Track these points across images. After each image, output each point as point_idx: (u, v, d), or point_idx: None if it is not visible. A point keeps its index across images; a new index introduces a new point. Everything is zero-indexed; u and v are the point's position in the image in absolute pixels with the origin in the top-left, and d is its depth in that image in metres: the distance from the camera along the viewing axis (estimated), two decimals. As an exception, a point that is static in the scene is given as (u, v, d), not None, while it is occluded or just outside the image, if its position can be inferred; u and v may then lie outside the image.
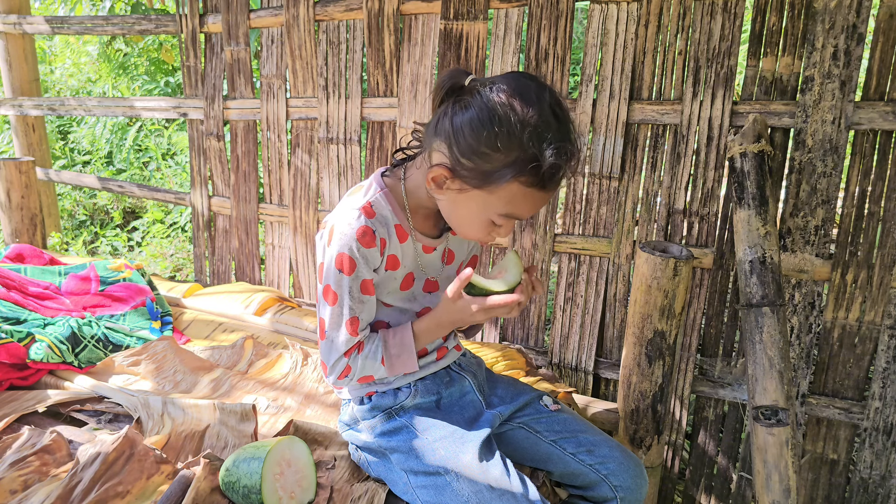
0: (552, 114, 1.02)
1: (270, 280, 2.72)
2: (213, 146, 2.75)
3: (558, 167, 1.01)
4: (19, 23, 3.20)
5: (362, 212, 1.14)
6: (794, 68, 1.73)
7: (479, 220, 1.11)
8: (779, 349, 1.54)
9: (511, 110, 1.00)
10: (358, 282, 1.16)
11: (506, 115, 1.00)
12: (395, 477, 1.26)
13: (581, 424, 1.33)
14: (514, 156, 1.01)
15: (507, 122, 1.00)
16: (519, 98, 1.01)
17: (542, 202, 1.09)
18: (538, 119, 1.00)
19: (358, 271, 1.15)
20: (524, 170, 1.01)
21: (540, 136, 1.00)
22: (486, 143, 1.01)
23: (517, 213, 1.08)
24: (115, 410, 1.58)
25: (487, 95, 1.02)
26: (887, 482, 1.80)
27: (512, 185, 1.03)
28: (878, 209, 1.70)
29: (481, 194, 1.07)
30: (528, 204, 1.07)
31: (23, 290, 2.05)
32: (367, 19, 2.26)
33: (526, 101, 1.01)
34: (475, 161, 1.03)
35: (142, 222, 4.49)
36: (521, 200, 1.06)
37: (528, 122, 1.00)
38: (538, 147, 1.00)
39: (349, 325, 1.17)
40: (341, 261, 1.14)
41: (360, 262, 1.14)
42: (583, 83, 1.97)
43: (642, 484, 1.28)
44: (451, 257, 1.31)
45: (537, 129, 1.00)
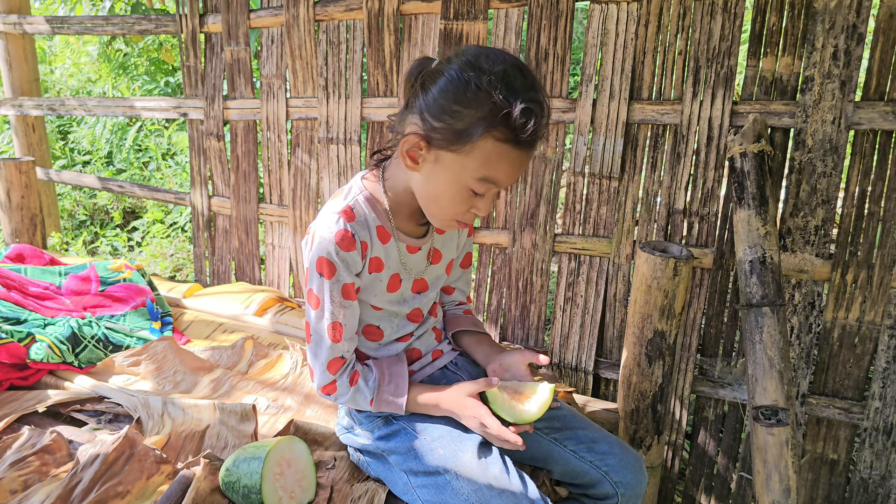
0: (518, 69, 1.02)
1: (270, 280, 2.72)
2: (213, 146, 2.75)
3: (528, 117, 1.00)
4: (19, 23, 3.20)
5: (341, 215, 1.15)
6: (794, 68, 1.73)
7: (457, 189, 1.09)
8: (779, 349, 1.54)
9: (477, 69, 1.01)
10: (339, 286, 1.16)
11: (474, 73, 1.01)
12: (395, 477, 1.26)
13: (580, 421, 1.33)
14: (485, 108, 1.01)
15: (476, 79, 1.01)
16: (484, 57, 1.03)
17: (518, 164, 1.06)
18: (504, 72, 1.01)
19: (338, 275, 1.15)
20: (496, 121, 1.01)
21: (508, 87, 1.01)
22: (455, 101, 1.02)
23: (494, 175, 1.06)
24: (115, 410, 1.58)
25: (454, 62, 1.04)
26: (887, 482, 1.80)
27: (486, 141, 1.03)
28: (878, 209, 1.70)
29: (456, 158, 1.06)
30: (504, 164, 1.05)
31: (23, 291, 2.05)
32: (367, 19, 2.26)
33: (491, 59, 1.02)
34: (447, 121, 1.04)
35: (142, 222, 4.49)
36: (496, 160, 1.04)
37: (496, 74, 1.01)
38: (507, 97, 1.00)
39: (331, 330, 1.17)
40: (321, 265, 1.14)
41: (340, 266, 1.14)
42: (583, 83, 1.97)
43: (642, 479, 1.28)
44: (437, 256, 1.31)
45: (505, 81, 1.01)
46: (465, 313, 1.45)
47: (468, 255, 1.41)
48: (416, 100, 1.08)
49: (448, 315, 1.44)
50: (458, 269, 1.41)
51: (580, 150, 2.01)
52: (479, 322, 1.44)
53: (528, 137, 1.02)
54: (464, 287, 1.45)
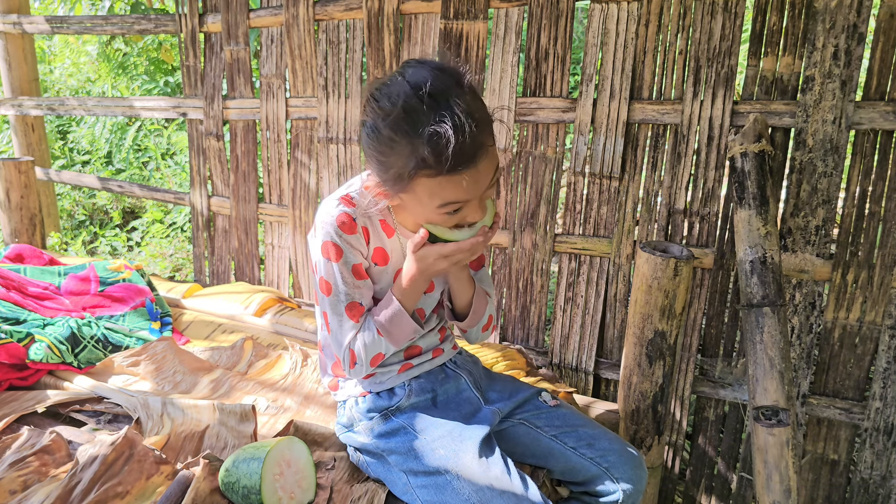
0: (417, 97, 1.00)
1: (270, 280, 2.71)
2: (213, 146, 2.75)
3: (441, 147, 0.98)
4: (19, 22, 3.19)
5: (341, 201, 1.17)
6: (794, 68, 1.73)
7: (431, 218, 1.10)
8: (779, 349, 1.54)
9: (383, 113, 1.02)
10: (348, 266, 1.17)
11: (381, 118, 1.03)
12: (395, 477, 1.26)
13: (580, 419, 1.33)
14: (403, 154, 1.02)
15: (383, 128, 1.03)
16: (387, 95, 1.02)
17: (466, 182, 1.03)
18: (403, 108, 1.00)
19: (346, 257, 1.16)
20: (417, 162, 1.01)
21: (412, 125, 1.00)
22: (378, 152, 1.05)
23: (451, 199, 1.06)
24: (115, 411, 1.57)
25: (368, 110, 1.06)
26: (888, 482, 1.80)
27: (420, 181, 1.03)
28: (878, 209, 1.70)
29: (410, 197, 1.08)
30: (451, 190, 1.04)
31: (22, 291, 2.05)
32: (367, 19, 2.26)
33: (392, 94, 1.02)
34: (383, 171, 1.07)
35: (141, 222, 4.49)
36: (441, 190, 1.04)
37: (395, 115, 1.00)
38: (414, 136, 1.00)
39: (349, 311, 1.18)
40: (327, 249, 1.16)
41: (345, 247, 1.16)
42: (583, 83, 1.97)
43: (642, 475, 1.29)
44: None
45: (406, 118, 1.00)
46: None
47: (481, 257, 1.40)
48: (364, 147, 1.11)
49: None
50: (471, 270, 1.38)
51: (580, 150, 2.00)
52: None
53: (455, 162, 0.99)
54: (486, 288, 1.38)
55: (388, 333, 1.20)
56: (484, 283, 1.41)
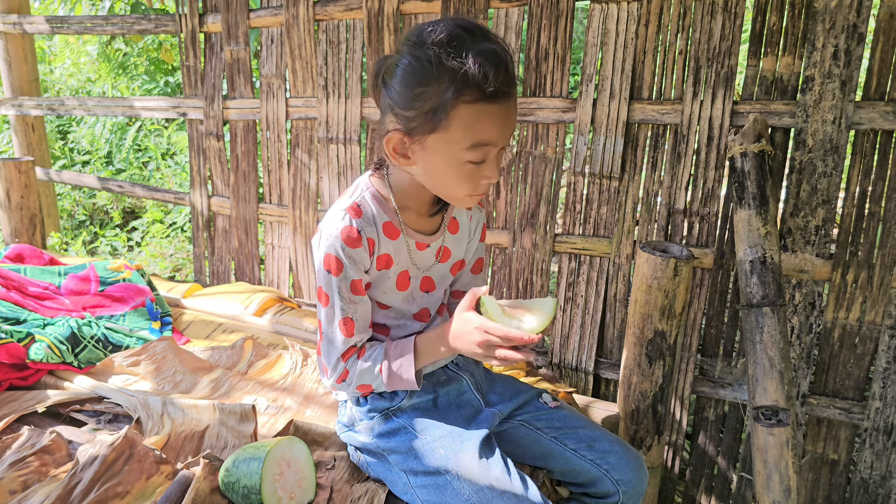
0: (461, 28, 1.01)
1: (270, 280, 2.71)
2: (213, 146, 2.75)
3: (487, 67, 0.99)
4: (19, 23, 3.19)
5: (348, 212, 1.15)
6: (794, 68, 1.73)
7: (455, 167, 1.08)
8: (779, 349, 1.54)
9: (423, 45, 1.02)
10: (347, 282, 1.16)
11: (421, 50, 1.02)
12: (395, 477, 1.26)
13: (581, 420, 1.33)
14: (444, 79, 1.01)
15: (424, 55, 1.02)
16: (427, 32, 1.03)
17: (502, 117, 1.04)
18: (449, 37, 1.00)
19: (346, 272, 1.15)
20: (458, 87, 1.00)
21: (456, 49, 1.00)
22: (416, 84, 1.03)
23: (483, 138, 1.05)
24: (115, 411, 1.57)
25: (402, 49, 1.05)
26: (888, 482, 1.80)
27: (459, 109, 1.02)
28: (878, 209, 1.70)
29: (441, 137, 1.05)
30: (486, 123, 1.04)
31: (22, 291, 2.05)
32: (367, 19, 2.26)
33: (433, 30, 1.02)
34: (416, 107, 1.04)
35: (141, 222, 4.49)
36: (476, 122, 1.03)
37: (440, 42, 1.00)
38: (458, 59, 0.99)
39: (342, 326, 1.18)
40: (328, 262, 1.15)
41: (347, 262, 1.15)
42: (583, 83, 1.97)
43: (643, 477, 1.28)
44: (446, 255, 1.30)
45: (451, 44, 1.00)
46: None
47: (480, 260, 1.40)
48: (383, 96, 1.10)
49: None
50: (469, 273, 1.39)
51: (580, 150, 2.00)
52: None
53: (496, 88, 1.01)
54: None
55: (389, 377, 1.20)
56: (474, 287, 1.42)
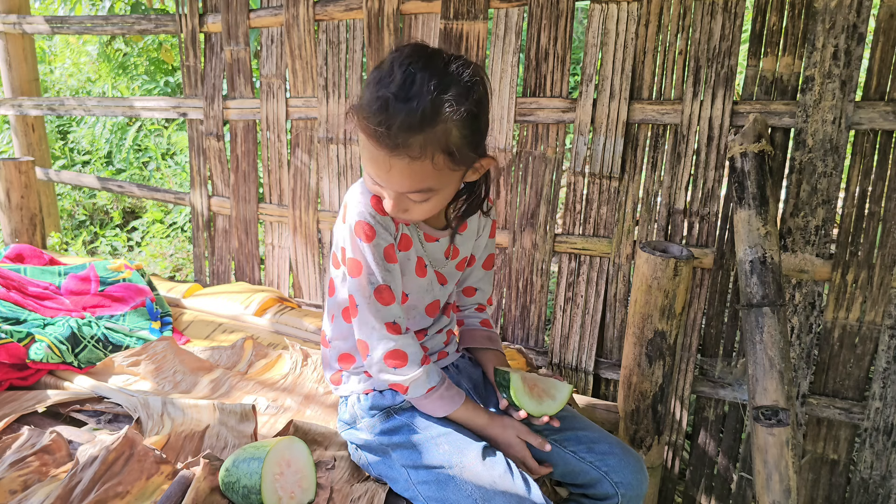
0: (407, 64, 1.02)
1: (270, 280, 2.71)
2: (213, 146, 2.75)
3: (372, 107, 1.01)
4: (19, 23, 3.19)
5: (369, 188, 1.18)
6: (794, 68, 1.73)
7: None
8: (779, 349, 1.54)
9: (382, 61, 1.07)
10: (380, 249, 1.16)
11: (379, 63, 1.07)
12: (396, 474, 1.26)
13: (581, 422, 1.33)
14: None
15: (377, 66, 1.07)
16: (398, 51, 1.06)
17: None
18: (389, 63, 1.04)
19: (378, 238, 1.16)
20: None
21: (383, 75, 1.03)
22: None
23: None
24: (115, 411, 1.57)
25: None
26: (888, 482, 1.80)
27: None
28: (878, 209, 1.70)
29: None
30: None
31: (22, 291, 2.05)
32: (367, 19, 2.26)
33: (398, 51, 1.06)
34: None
35: (141, 222, 4.49)
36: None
37: (382, 63, 1.06)
38: (374, 85, 1.03)
39: (378, 294, 1.17)
40: (360, 228, 1.16)
41: (378, 227, 1.15)
42: (583, 83, 1.97)
43: (643, 479, 1.28)
44: (455, 252, 1.31)
45: (383, 69, 1.04)
46: (482, 324, 1.44)
47: (491, 256, 1.41)
48: None
49: (465, 326, 1.45)
50: (481, 270, 1.41)
51: (580, 150, 2.01)
52: (495, 335, 1.44)
53: (370, 127, 1.02)
54: (486, 288, 1.44)
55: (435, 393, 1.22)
56: (483, 284, 1.43)
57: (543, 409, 1.22)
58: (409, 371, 1.19)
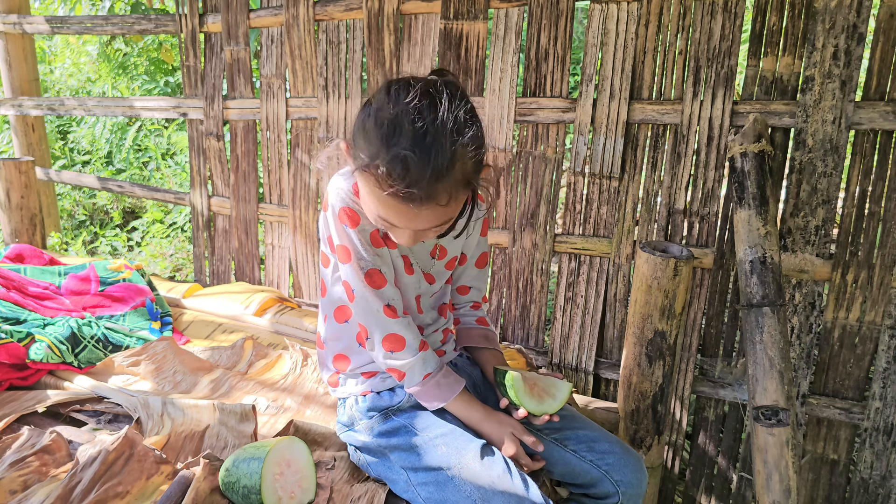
0: (410, 119, 0.98)
1: (270, 280, 2.71)
2: (213, 146, 2.75)
3: (396, 171, 0.98)
4: (19, 23, 3.19)
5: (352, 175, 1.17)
6: (794, 68, 1.73)
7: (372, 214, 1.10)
8: (779, 349, 1.54)
9: (381, 107, 1.01)
10: (366, 234, 1.17)
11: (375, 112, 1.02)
12: (395, 476, 1.26)
13: (581, 421, 1.33)
14: (369, 151, 1.01)
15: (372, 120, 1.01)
16: (392, 94, 1.01)
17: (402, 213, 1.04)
18: (393, 117, 0.99)
19: (362, 224, 1.17)
20: (369, 164, 1.01)
21: (390, 134, 0.99)
22: (359, 129, 1.05)
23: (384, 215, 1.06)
24: (115, 411, 1.57)
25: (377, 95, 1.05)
26: (888, 482, 1.80)
27: (369, 177, 1.03)
28: (878, 209, 1.70)
29: (362, 181, 1.07)
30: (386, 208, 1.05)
31: (22, 291, 2.05)
32: (367, 19, 2.26)
33: (394, 97, 1.01)
34: (356, 145, 1.05)
35: (141, 222, 4.49)
36: (378, 201, 1.05)
37: (384, 119, 1.00)
38: (382, 149, 0.99)
39: (368, 278, 1.18)
40: (343, 214, 1.17)
41: (361, 212, 1.16)
42: (583, 83, 1.97)
43: (643, 478, 1.29)
44: (442, 252, 1.31)
45: (391, 126, 0.99)
46: (478, 322, 1.44)
47: (484, 255, 1.41)
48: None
49: (461, 325, 1.45)
50: (474, 268, 1.41)
51: (580, 150, 2.01)
52: (492, 334, 1.44)
53: (397, 192, 0.99)
54: (480, 286, 1.45)
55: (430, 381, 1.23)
56: (477, 282, 1.43)
57: (544, 407, 1.23)
58: (405, 356, 1.21)
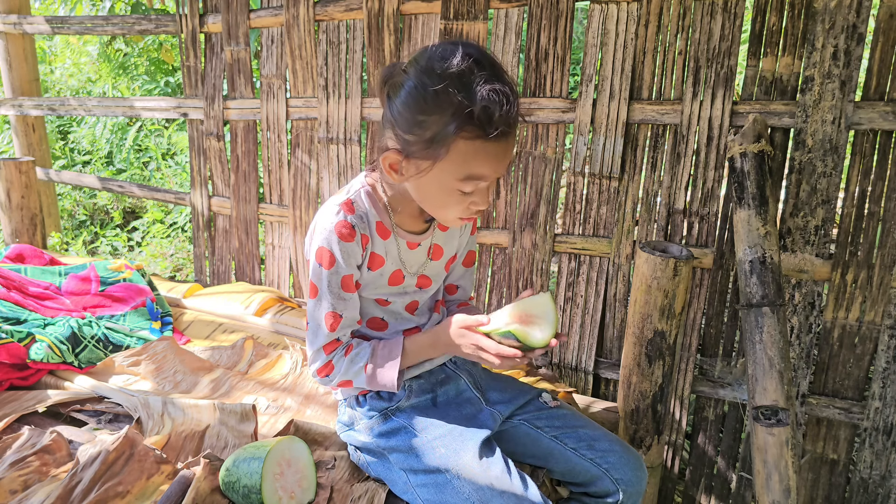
0: (473, 61, 1.01)
1: (270, 280, 2.72)
2: (213, 146, 2.75)
3: (492, 109, 0.99)
4: (19, 23, 3.20)
5: (342, 207, 1.17)
6: (794, 68, 1.73)
7: (447, 193, 1.09)
8: (779, 349, 1.54)
9: (431, 73, 1.01)
10: (337, 277, 1.17)
11: (429, 79, 1.01)
12: (395, 476, 1.26)
13: (581, 420, 1.34)
14: (447, 112, 1.01)
15: (431, 84, 1.01)
16: (438, 59, 1.02)
17: (499, 155, 1.05)
18: (458, 69, 1.00)
19: (337, 266, 1.17)
20: (461, 121, 1.00)
21: (464, 85, 1.00)
22: (419, 111, 1.03)
23: (477, 172, 1.06)
24: (115, 410, 1.58)
25: (411, 71, 1.04)
26: (887, 482, 1.80)
27: (457, 143, 1.02)
28: (878, 209, 1.70)
29: (437, 167, 1.06)
30: (482, 160, 1.05)
31: (23, 291, 2.05)
32: (367, 19, 2.26)
33: (443, 58, 1.02)
34: (417, 133, 1.04)
35: (142, 222, 4.49)
36: (473, 158, 1.04)
37: (449, 75, 1.00)
38: (465, 95, 0.99)
39: (327, 319, 1.19)
40: (321, 255, 1.17)
41: (339, 257, 1.16)
42: (583, 83, 1.97)
43: (642, 477, 1.29)
44: (437, 252, 1.31)
45: (461, 79, 1.00)
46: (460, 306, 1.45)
47: (471, 254, 1.42)
48: (386, 110, 1.10)
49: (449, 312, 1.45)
50: (461, 267, 1.41)
51: (580, 150, 2.01)
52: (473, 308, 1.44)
53: (498, 129, 1.01)
54: (467, 286, 1.45)
55: (372, 375, 1.21)
56: (464, 281, 1.44)
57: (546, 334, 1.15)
58: (336, 377, 1.23)
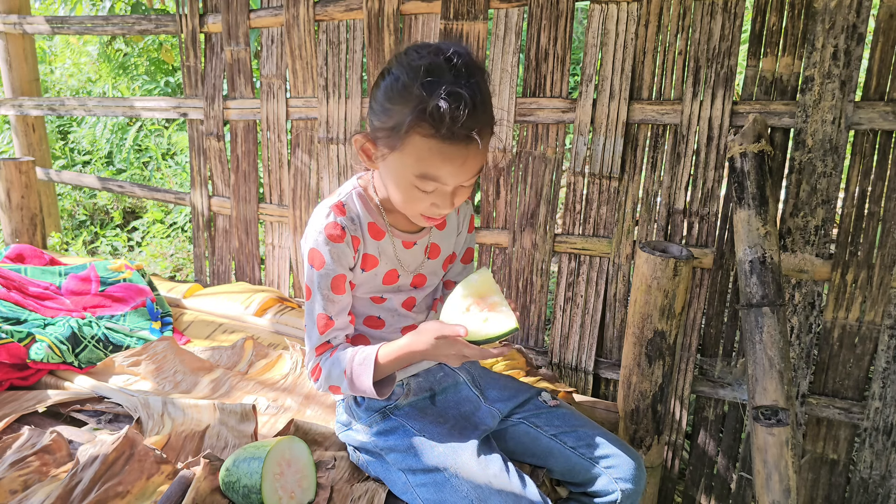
0: (446, 60, 1.01)
1: (270, 280, 2.72)
2: (213, 146, 2.75)
3: (444, 107, 0.99)
4: (19, 23, 3.20)
5: (333, 209, 1.18)
6: (794, 68, 1.73)
7: (404, 187, 1.10)
8: (779, 349, 1.54)
9: (408, 66, 1.03)
10: (328, 279, 1.18)
11: (401, 70, 1.03)
12: (394, 476, 1.26)
13: (580, 419, 1.34)
14: (409, 104, 1.02)
15: (403, 74, 1.03)
16: (415, 52, 1.04)
17: (453, 160, 1.04)
18: (429, 65, 1.01)
19: (327, 267, 1.17)
20: (416, 115, 1.01)
21: (430, 80, 1.00)
22: (387, 100, 1.05)
23: (431, 172, 1.06)
24: (115, 410, 1.58)
25: (395, 62, 1.06)
26: (887, 482, 1.80)
27: (413, 137, 1.03)
28: (878, 209, 1.70)
29: (396, 156, 1.07)
30: (437, 161, 1.04)
31: (23, 291, 2.05)
32: (367, 19, 2.26)
33: (421, 53, 1.03)
34: (383, 119, 1.06)
35: (142, 222, 4.49)
36: (428, 156, 1.04)
37: (417, 69, 1.01)
38: (428, 90, 1.00)
39: (319, 322, 1.20)
40: (312, 257, 1.18)
41: (329, 258, 1.16)
42: (583, 83, 1.97)
43: (642, 476, 1.29)
44: (435, 251, 1.31)
45: (428, 73, 1.01)
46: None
47: (469, 251, 1.42)
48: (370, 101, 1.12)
49: None
50: (460, 264, 1.41)
51: (580, 150, 2.01)
52: None
53: (452, 131, 1.00)
54: None
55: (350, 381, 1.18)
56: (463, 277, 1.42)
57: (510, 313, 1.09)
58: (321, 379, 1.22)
